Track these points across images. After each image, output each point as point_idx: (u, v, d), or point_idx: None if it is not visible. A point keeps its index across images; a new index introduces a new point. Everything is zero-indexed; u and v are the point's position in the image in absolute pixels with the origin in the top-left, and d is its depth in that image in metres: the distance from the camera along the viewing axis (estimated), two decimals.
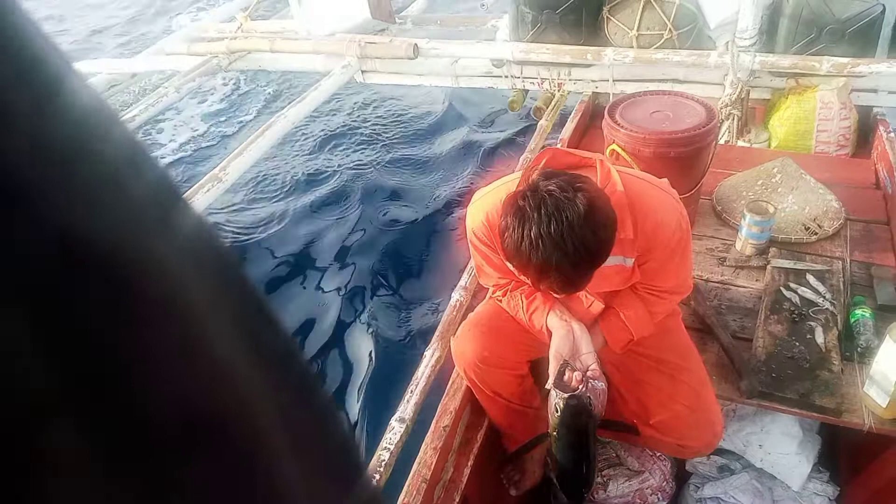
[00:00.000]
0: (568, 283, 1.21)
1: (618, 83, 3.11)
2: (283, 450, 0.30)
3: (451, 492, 1.60)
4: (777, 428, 1.78)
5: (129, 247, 0.22)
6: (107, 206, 0.22)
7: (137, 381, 0.22)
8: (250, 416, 0.28)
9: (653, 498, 1.81)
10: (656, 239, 1.36)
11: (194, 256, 0.26)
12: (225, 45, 3.64)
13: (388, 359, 2.88)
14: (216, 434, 0.26)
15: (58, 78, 0.21)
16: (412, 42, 3.23)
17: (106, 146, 0.23)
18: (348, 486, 0.36)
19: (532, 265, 1.16)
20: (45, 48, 0.21)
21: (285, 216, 3.99)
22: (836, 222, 2.15)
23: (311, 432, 0.34)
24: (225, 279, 0.29)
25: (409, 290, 3.33)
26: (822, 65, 2.67)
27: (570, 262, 1.14)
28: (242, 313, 0.29)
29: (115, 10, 8.44)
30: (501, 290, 1.57)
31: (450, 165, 4.41)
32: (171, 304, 0.24)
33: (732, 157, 2.60)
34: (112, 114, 0.24)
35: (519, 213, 1.16)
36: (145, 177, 0.24)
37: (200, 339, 0.25)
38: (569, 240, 1.12)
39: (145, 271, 0.23)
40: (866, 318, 1.74)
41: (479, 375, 1.60)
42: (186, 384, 0.25)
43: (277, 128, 2.90)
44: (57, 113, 0.20)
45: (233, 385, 0.27)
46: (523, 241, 1.15)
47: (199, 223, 0.27)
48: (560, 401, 1.34)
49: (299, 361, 0.34)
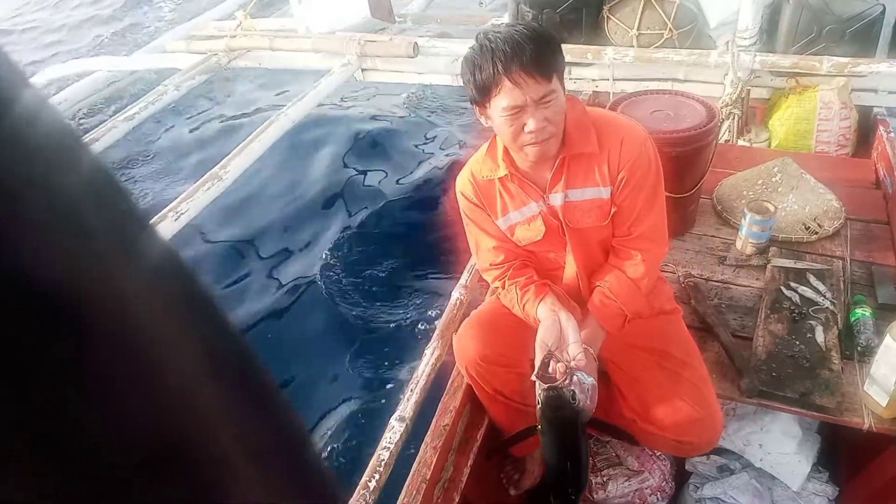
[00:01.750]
0: (536, 55, 1.27)
1: (618, 82, 3.10)
2: (246, 472, 0.30)
3: (451, 491, 1.60)
4: (777, 427, 1.78)
5: (81, 281, 0.21)
6: (59, 240, 0.21)
7: (91, 416, 0.22)
8: (210, 440, 0.28)
9: (652, 498, 1.81)
10: (623, 157, 1.43)
11: (156, 284, 0.25)
12: (225, 42, 3.64)
13: (388, 357, 2.87)
14: (176, 463, 0.25)
15: (8, 99, 0.19)
16: (412, 40, 3.22)
17: (65, 178, 0.21)
18: (306, 491, 0.36)
19: (499, 51, 1.27)
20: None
21: (282, 215, 3.99)
22: (836, 222, 2.15)
23: (274, 450, 0.34)
24: (188, 304, 0.28)
25: (409, 289, 3.33)
26: (822, 64, 2.67)
27: (528, 37, 1.27)
28: (205, 336, 0.29)
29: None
30: (500, 275, 1.58)
31: (449, 164, 4.41)
32: (127, 335, 0.23)
33: (733, 156, 2.59)
34: (75, 138, 0.22)
35: (478, 38, 1.33)
36: (107, 207, 0.24)
37: (159, 369, 0.25)
38: (520, 27, 1.30)
39: (98, 304, 0.22)
40: (866, 317, 1.74)
41: (480, 373, 1.60)
42: (143, 415, 0.24)
43: (277, 126, 2.90)
44: (8, 142, 0.19)
45: (192, 411, 0.27)
46: (485, 44, 1.30)
47: (163, 249, 0.26)
48: (541, 393, 1.29)
49: (261, 377, 0.34)
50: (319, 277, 3.44)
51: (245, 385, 0.32)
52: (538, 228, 1.52)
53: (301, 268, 3.56)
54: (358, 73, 3.53)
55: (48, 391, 0.20)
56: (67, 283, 0.21)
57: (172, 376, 0.26)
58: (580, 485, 1.43)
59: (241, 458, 0.29)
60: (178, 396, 0.26)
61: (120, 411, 0.23)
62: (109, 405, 0.23)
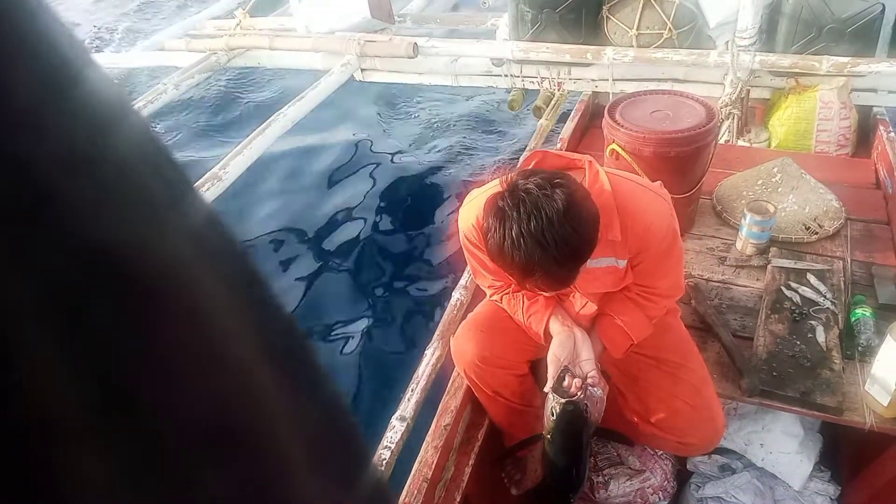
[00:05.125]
0: (553, 281, 1.20)
1: (618, 82, 3.10)
2: (299, 453, 0.29)
3: (452, 491, 1.60)
4: (778, 427, 1.78)
5: (152, 253, 0.21)
6: (129, 210, 0.21)
7: (162, 393, 0.22)
8: (268, 422, 0.28)
9: (654, 497, 1.81)
10: (647, 241, 1.36)
11: (210, 256, 0.25)
12: (224, 41, 3.63)
13: (389, 357, 2.87)
14: (238, 440, 0.25)
15: (77, 74, 0.20)
16: (412, 41, 3.22)
17: (125, 142, 0.22)
18: (354, 480, 0.36)
19: (516, 264, 1.16)
20: (68, 43, 0.20)
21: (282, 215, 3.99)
22: (836, 222, 2.15)
23: (323, 431, 0.33)
24: (239, 278, 0.28)
25: (409, 288, 3.33)
26: (821, 64, 2.67)
27: (553, 259, 1.14)
28: (257, 313, 0.29)
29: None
30: (498, 293, 1.57)
31: (448, 164, 4.41)
32: (194, 313, 0.23)
33: (732, 156, 2.59)
34: (132, 108, 0.23)
35: (499, 214, 1.17)
36: (162, 172, 0.24)
37: (222, 349, 0.25)
38: (549, 236, 1.12)
39: (168, 280, 0.22)
40: (867, 317, 1.74)
41: (478, 375, 1.59)
42: (210, 395, 0.24)
43: (277, 126, 2.89)
44: (78, 110, 0.20)
45: (252, 393, 0.27)
46: (505, 240, 1.15)
47: (210, 216, 0.26)
48: (557, 405, 1.34)
49: (312, 359, 0.34)
50: (319, 277, 3.44)
51: (298, 371, 0.32)
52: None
53: (301, 267, 3.55)
54: (357, 73, 3.53)
55: (126, 366, 0.20)
56: (142, 254, 0.21)
57: (232, 355, 0.25)
58: (580, 488, 1.53)
59: (295, 440, 0.29)
60: (241, 376, 0.26)
61: (192, 388, 0.23)
62: (182, 381, 0.23)
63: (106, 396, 0.20)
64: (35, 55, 0.18)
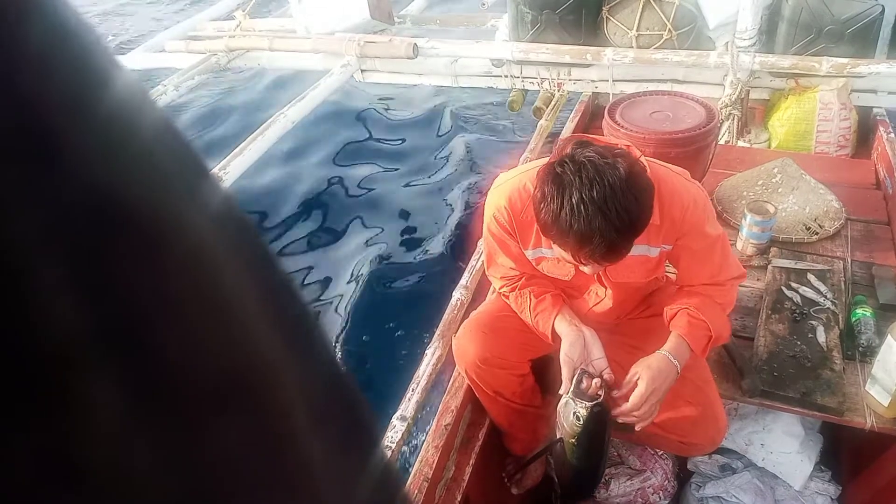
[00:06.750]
0: (609, 251, 1.17)
1: (617, 83, 3.11)
2: (304, 417, 0.30)
3: (453, 490, 1.60)
4: (779, 427, 1.78)
5: (159, 208, 0.23)
6: (139, 171, 0.22)
7: (171, 331, 0.23)
8: (276, 381, 0.28)
9: (654, 497, 1.81)
10: (685, 225, 1.35)
11: (220, 226, 0.27)
12: (224, 42, 3.63)
13: (389, 357, 2.87)
14: (246, 393, 0.26)
15: (79, 28, 0.21)
16: (412, 41, 3.22)
17: (141, 119, 0.23)
18: (365, 457, 0.36)
19: (573, 233, 1.14)
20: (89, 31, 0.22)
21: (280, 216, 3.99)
22: (836, 222, 2.15)
23: (328, 399, 0.34)
24: (250, 251, 0.29)
25: (409, 288, 3.33)
26: (821, 65, 2.68)
27: (614, 228, 1.12)
28: (266, 283, 0.30)
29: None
30: (509, 284, 1.56)
31: (448, 165, 4.41)
32: (200, 261, 0.24)
33: (732, 157, 2.60)
34: (145, 90, 0.24)
35: (557, 181, 1.14)
36: (174, 151, 0.25)
37: (230, 299, 0.26)
38: (612, 204, 1.10)
39: (175, 231, 0.23)
40: (867, 317, 1.74)
41: (479, 375, 1.59)
42: (218, 340, 0.25)
43: (277, 127, 2.89)
44: (83, 57, 0.21)
45: (260, 348, 0.27)
46: (563, 208, 1.13)
47: (225, 198, 0.27)
48: (582, 409, 1.34)
49: (319, 332, 0.34)
50: (319, 277, 3.44)
51: (305, 337, 0.32)
52: (567, 270, 1.48)
53: (301, 267, 3.55)
54: (357, 73, 3.53)
55: (133, 302, 0.21)
56: (149, 207, 0.22)
57: (243, 308, 0.26)
58: (600, 482, 1.61)
59: (306, 417, 0.30)
60: (249, 329, 0.27)
61: (199, 330, 0.24)
62: (189, 323, 0.24)
63: (116, 329, 0.21)
64: (41, 8, 0.20)
